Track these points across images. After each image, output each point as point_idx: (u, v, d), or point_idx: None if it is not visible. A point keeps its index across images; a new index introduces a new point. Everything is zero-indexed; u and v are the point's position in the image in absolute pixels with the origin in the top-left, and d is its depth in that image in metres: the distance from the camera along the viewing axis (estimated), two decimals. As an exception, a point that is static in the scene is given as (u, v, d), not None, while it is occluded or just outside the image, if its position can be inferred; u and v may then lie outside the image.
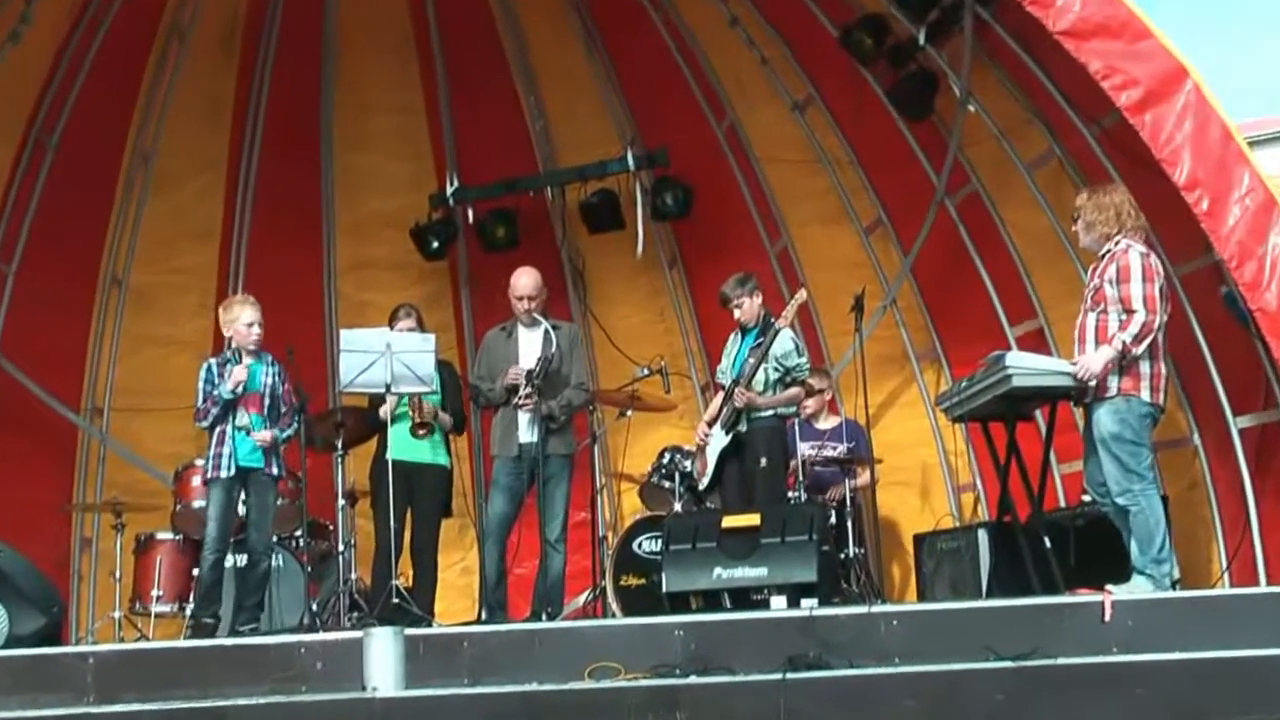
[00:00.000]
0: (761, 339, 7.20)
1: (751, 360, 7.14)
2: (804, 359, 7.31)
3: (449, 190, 9.73)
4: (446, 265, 10.05)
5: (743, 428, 7.15)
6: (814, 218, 9.32)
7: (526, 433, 7.20)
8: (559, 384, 7.26)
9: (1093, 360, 5.99)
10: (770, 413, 7.21)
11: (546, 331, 7.17)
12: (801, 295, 7.29)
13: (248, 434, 6.98)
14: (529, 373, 7.11)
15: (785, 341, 7.20)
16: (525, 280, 7.32)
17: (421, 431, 7.28)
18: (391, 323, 7.64)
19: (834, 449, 8.40)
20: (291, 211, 9.84)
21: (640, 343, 9.59)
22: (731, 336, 7.50)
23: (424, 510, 7.50)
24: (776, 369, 7.19)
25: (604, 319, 9.95)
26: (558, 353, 7.18)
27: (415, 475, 7.42)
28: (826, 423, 8.62)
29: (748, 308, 7.28)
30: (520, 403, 7.13)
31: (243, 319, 7.10)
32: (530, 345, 7.30)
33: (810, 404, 8.29)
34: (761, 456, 7.08)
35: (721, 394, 7.43)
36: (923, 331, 8.97)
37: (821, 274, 9.20)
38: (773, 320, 7.28)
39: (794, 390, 7.28)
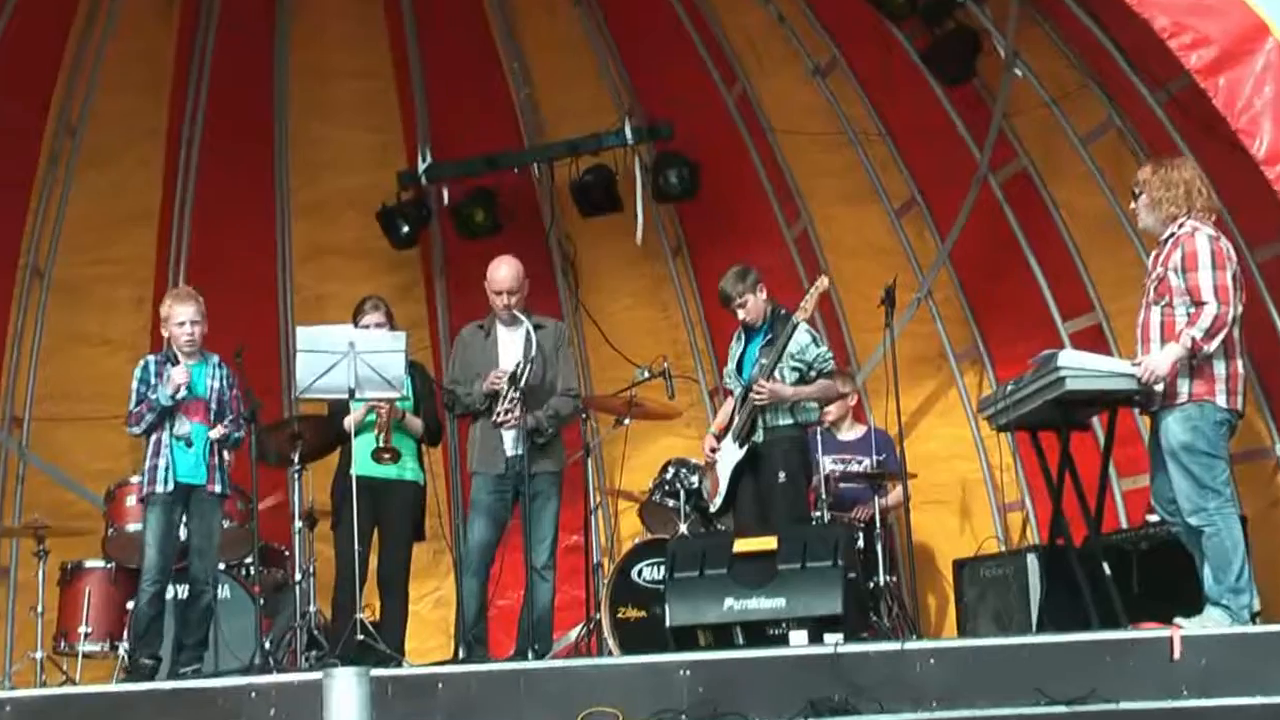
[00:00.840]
0: (772, 336, 7.18)
1: (764, 361, 7.12)
2: (825, 348, 7.32)
3: (421, 167, 9.73)
4: (418, 253, 10.04)
5: (759, 438, 7.14)
6: (838, 197, 9.32)
7: (511, 445, 7.20)
8: (543, 393, 7.25)
9: (1158, 360, 5.96)
10: (790, 420, 7.18)
11: (528, 332, 7.14)
12: (823, 283, 7.24)
13: (188, 445, 6.94)
14: (512, 375, 7.09)
15: (802, 335, 7.18)
16: (504, 271, 7.29)
17: (386, 456, 7.26)
18: (356, 318, 7.63)
19: (860, 463, 8.39)
20: (240, 191, 9.81)
21: (640, 341, 9.59)
22: (735, 337, 7.47)
23: (393, 533, 7.48)
24: (795, 367, 7.17)
25: (598, 314, 9.93)
26: (539, 356, 7.17)
27: (383, 493, 7.41)
28: (850, 432, 8.62)
29: (752, 305, 7.24)
30: (500, 419, 7.12)
31: (175, 317, 7.06)
32: (511, 347, 7.29)
33: (832, 410, 8.28)
34: (780, 470, 7.06)
35: (730, 401, 7.41)
36: (962, 327, 8.97)
37: (847, 261, 9.19)
38: (783, 312, 7.25)
39: (825, 381, 7.27)
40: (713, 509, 7.44)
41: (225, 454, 7.11)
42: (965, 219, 8.77)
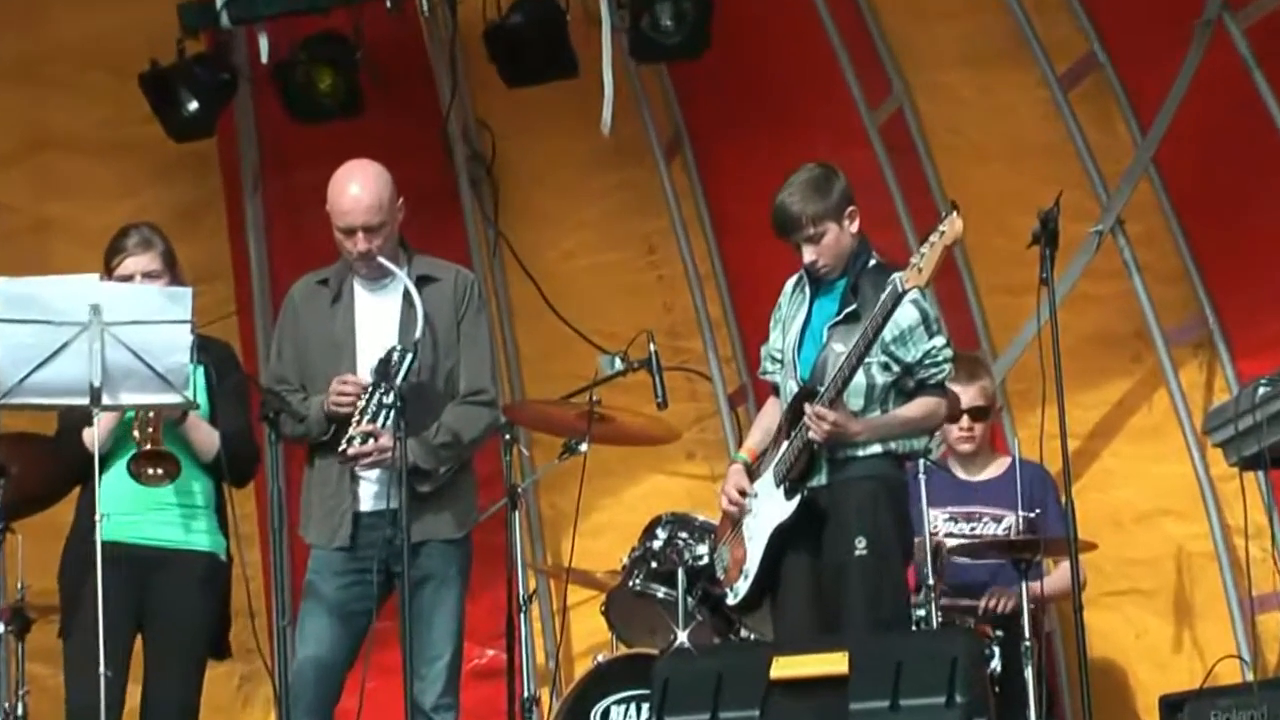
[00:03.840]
0: (855, 302, 7.17)
1: (837, 346, 7.08)
2: (943, 340, 7.26)
3: (220, -2, 9.71)
4: (215, 149, 10.21)
5: (820, 480, 7.11)
6: (956, 57, 9.48)
7: (370, 496, 7.35)
8: (432, 398, 7.36)
9: None
10: (878, 447, 7.15)
11: (406, 292, 7.26)
12: (955, 225, 7.11)
13: None
14: (382, 368, 7.13)
15: (909, 312, 7.11)
16: (355, 192, 7.38)
17: (152, 471, 7.20)
18: (109, 263, 7.61)
19: (999, 522, 8.47)
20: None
21: (609, 307, 9.80)
22: (790, 288, 7.48)
23: (169, 645, 7.51)
24: (889, 364, 7.15)
25: (535, 261, 10.11)
26: (427, 335, 7.20)
27: (153, 573, 7.45)
28: (982, 469, 8.74)
29: (831, 241, 7.21)
30: (353, 450, 7.19)
31: None
32: (377, 320, 7.47)
33: (976, 431, 8.41)
34: (857, 535, 7.03)
35: (771, 405, 7.41)
36: (1177, 286, 9.07)
37: (972, 169, 9.34)
38: (873, 263, 7.26)
39: (929, 400, 7.22)
40: (732, 600, 7.47)
41: None
42: (1182, 94, 8.81)
